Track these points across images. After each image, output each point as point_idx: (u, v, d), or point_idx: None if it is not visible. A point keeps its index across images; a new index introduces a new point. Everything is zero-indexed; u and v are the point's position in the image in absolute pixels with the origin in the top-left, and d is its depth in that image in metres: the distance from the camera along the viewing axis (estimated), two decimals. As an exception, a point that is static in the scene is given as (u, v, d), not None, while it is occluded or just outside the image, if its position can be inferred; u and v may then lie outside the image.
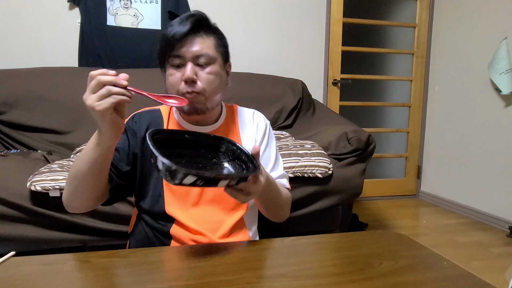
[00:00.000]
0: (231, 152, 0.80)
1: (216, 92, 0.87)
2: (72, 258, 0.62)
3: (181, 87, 0.83)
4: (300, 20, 2.58)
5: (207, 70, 0.85)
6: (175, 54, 0.84)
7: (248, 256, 0.66)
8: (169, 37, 0.83)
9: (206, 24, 0.90)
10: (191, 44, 0.84)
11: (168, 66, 0.86)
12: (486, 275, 1.61)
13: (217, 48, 0.89)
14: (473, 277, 0.58)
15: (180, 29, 0.83)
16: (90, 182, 0.77)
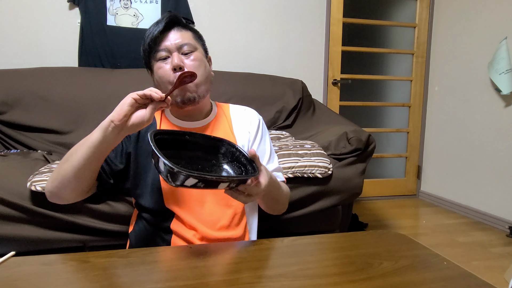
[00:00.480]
0: (230, 154, 0.80)
1: (203, 77, 0.91)
2: (72, 258, 0.62)
3: (171, 77, 0.87)
4: (300, 20, 2.58)
5: (192, 57, 0.90)
6: (159, 49, 0.89)
7: (248, 256, 0.66)
8: (150, 37, 0.89)
9: (181, 22, 0.94)
10: (172, 37, 0.90)
11: (154, 63, 0.91)
12: (486, 275, 1.61)
13: (196, 39, 0.95)
14: (473, 277, 0.58)
15: (158, 27, 0.89)
16: (84, 173, 0.78)
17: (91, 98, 1.96)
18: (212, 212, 0.88)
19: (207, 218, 0.87)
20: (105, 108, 1.97)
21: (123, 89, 2.03)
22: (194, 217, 0.86)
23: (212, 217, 0.88)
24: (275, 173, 1.00)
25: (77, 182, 0.80)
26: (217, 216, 0.89)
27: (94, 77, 2.03)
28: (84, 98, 1.95)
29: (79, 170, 0.77)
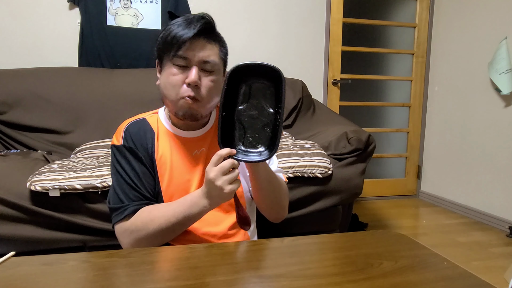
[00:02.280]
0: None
1: (213, 99, 0.86)
2: (72, 258, 0.62)
3: (182, 90, 0.81)
4: (300, 20, 2.58)
5: (210, 78, 0.84)
6: (183, 56, 0.81)
7: (248, 256, 0.66)
8: (177, 36, 0.80)
9: (214, 31, 0.88)
10: (200, 48, 0.82)
11: (170, 65, 0.83)
12: (486, 275, 1.61)
13: (221, 56, 0.88)
14: (473, 277, 0.58)
15: (190, 30, 0.80)
16: (170, 237, 0.82)
17: (91, 98, 1.96)
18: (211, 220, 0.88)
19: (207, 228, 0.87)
20: (105, 108, 1.97)
21: (123, 89, 2.04)
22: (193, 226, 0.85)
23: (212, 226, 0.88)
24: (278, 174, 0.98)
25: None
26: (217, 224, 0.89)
27: (94, 77, 2.03)
28: (84, 98, 1.95)
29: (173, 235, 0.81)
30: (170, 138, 0.90)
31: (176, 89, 0.82)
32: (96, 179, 1.28)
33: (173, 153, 0.88)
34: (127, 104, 1.98)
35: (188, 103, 0.82)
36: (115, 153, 0.87)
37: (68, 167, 1.41)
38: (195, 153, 0.90)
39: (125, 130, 0.89)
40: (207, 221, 0.86)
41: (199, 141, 0.91)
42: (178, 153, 0.89)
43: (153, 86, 2.46)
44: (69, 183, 1.25)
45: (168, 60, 0.83)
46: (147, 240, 0.78)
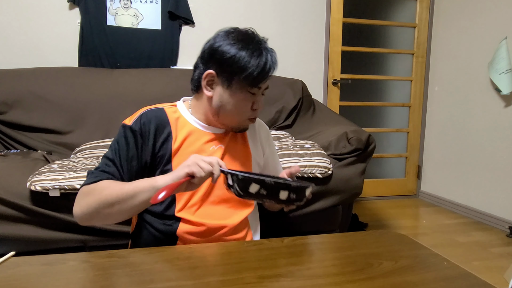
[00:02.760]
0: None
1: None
2: (72, 258, 0.62)
3: (249, 113, 0.91)
4: (300, 20, 2.58)
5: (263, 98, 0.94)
6: (258, 85, 0.88)
7: (248, 256, 0.66)
8: (266, 68, 0.88)
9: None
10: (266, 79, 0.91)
11: (244, 90, 0.88)
12: (486, 275, 1.61)
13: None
14: (473, 277, 0.58)
15: (275, 63, 0.92)
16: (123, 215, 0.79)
17: (91, 98, 1.96)
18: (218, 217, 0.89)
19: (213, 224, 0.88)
20: (105, 108, 1.97)
21: (123, 89, 2.04)
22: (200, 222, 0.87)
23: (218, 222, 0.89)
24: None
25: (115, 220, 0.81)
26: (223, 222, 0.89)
27: (94, 77, 2.03)
28: (84, 98, 1.95)
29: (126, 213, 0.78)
30: (190, 130, 0.92)
31: (246, 113, 0.91)
32: (96, 179, 1.28)
33: (190, 145, 0.91)
34: (127, 104, 1.98)
35: (250, 123, 0.94)
36: (121, 131, 0.89)
37: (68, 167, 1.41)
38: (212, 148, 0.93)
39: (141, 114, 0.91)
40: (217, 215, 0.89)
41: (218, 138, 0.94)
42: (195, 146, 0.91)
43: (153, 85, 2.46)
44: (69, 183, 1.25)
45: (242, 85, 0.87)
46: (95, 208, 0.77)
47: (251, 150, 0.99)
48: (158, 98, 2.08)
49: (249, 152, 0.99)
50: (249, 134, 1.01)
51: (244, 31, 0.90)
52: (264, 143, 1.06)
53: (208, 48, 0.90)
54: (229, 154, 0.95)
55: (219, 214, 0.90)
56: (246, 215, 0.94)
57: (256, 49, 0.87)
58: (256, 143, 1.02)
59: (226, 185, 0.75)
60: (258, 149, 1.02)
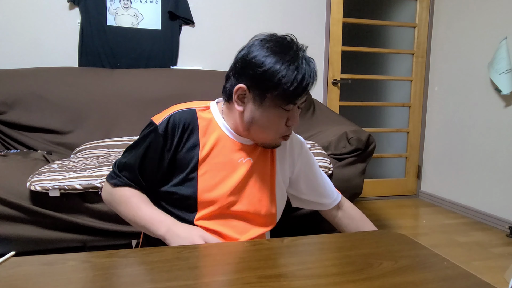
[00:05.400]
0: None
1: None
2: (72, 258, 0.62)
3: (283, 130, 0.85)
4: (300, 20, 2.58)
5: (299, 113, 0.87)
6: (296, 102, 0.81)
7: (248, 256, 0.66)
8: (303, 86, 0.79)
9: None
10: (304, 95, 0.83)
11: (277, 107, 0.81)
12: (486, 275, 1.61)
13: None
14: (473, 277, 0.58)
15: (313, 80, 0.81)
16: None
17: (91, 98, 1.96)
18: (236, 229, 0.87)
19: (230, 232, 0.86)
20: (105, 108, 1.97)
21: (123, 89, 2.04)
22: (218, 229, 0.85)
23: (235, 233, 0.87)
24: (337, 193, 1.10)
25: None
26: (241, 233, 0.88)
27: (94, 77, 2.03)
28: (84, 98, 1.95)
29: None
30: (221, 138, 0.88)
31: (280, 130, 0.84)
32: (96, 179, 1.28)
33: (219, 154, 0.87)
34: (127, 104, 1.98)
35: (284, 140, 0.88)
36: (149, 129, 0.86)
37: (68, 167, 1.41)
38: (240, 161, 0.88)
39: (170, 116, 0.85)
40: (234, 228, 0.87)
41: (248, 149, 0.89)
42: (224, 155, 0.87)
43: (153, 86, 2.46)
44: (69, 183, 1.25)
45: (276, 102, 0.80)
46: (115, 210, 0.89)
47: (277, 166, 0.94)
48: (158, 98, 2.09)
49: (274, 169, 0.93)
50: (279, 150, 0.95)
51: (281, 39, 0.83)
52: (296, 159, 0.99)
53: (240, 58, 0.84)
54: (256, 169, 0.90)
55: (237, 228, 0.87)
56: (264, 232, 0.92)
57: (293, 62, 0.78)
58: (284, 159, 0.96)
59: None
60: (285, 166, 0.97)
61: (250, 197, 0.88)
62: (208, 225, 0.85)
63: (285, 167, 0.97)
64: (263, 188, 0.91)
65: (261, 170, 0.91)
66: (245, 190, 0.88)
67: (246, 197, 0.88)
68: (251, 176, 0.89)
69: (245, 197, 0.88)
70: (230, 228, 0.86)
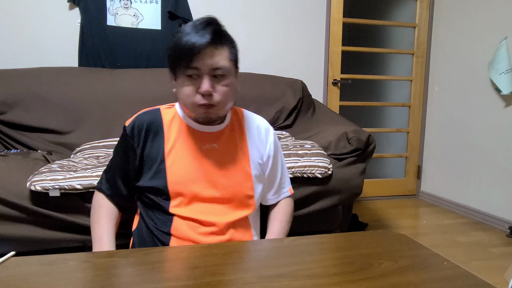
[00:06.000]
0: None
1: (229, 101, 0.90)
2: (72, 258, 0.62)
3: (196, 99, 0.84)
4: (300, 20, 2.58)
5: (223, 83, 0.85)
6: (192, 66, 0.82)
7: (248, 256, 0.66)
8: (186, 48, 0.81)
9: (223, 34, 0.87)
10: (209, 56, 0.82)
11: (182, 76, 0.84)
12: (486, 275, 1.61)
13: (231, 57, 0.88)
14: (473, 277, 0.58)
15: (199, 40, 0.81)
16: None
17: (91, 98, 1.96)
18: (217, 213, 0.90)
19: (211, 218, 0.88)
20: (105, 108, 1.97)
21: (123, 89, 2.04)
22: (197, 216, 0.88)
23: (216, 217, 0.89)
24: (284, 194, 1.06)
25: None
26: (222, 217, 0.90)
27: (94, 77, 2.03)
28: (84, 98, 1.95)
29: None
30: (183, 130, 0.93)
31: (191, 98, 0.85)
32: (96, 179, 1.28)
33: (182, 145, 0.91)
34: (127, 104, 1.98)
35: (204, 110, 0.86)
36: (122, 133, 0.95)
37: (68, 167, 1.41)
38: (206, 147, 0.92)
39: (136, 116, 0.95)
40: (218, 214, 0.89)
41: (212, 136, 0.93)
42: (188, 145, 0.91)
43: (153, 86, 2.46)
44: (69, 183, 1.25)
45: (178, 70, 0.84)
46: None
47: (250, 150, 0.97)
48: (158, 98, 2.09)
49: (247, 151, 0.96)
50: (249, 135, 0.99)
51: (195, 20, 0.87)
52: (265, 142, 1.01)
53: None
54: (224, 153, 0.94)
55: (214, 213, 0.90)
56: (244, 216, 0.93)
57: (189, 32, 0.82)
58: (254, 141, 0.99)
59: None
60: (260, 151, 0.99)
61: (222, 181, 0.91)
62: (183, 212, 0.88)
63: (259, 149, 0.99)
64: (235, 171, 0.93)
65: (231, 154, 0.94)
66: (215, 175, 0.91)
67: (218, 181, 0.91)
68: (218, 161, 0.92)
69: (217, 181, 0.91)
70: (207, 214, 0.89)
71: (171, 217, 0.89)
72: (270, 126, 1.05)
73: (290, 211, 1.05)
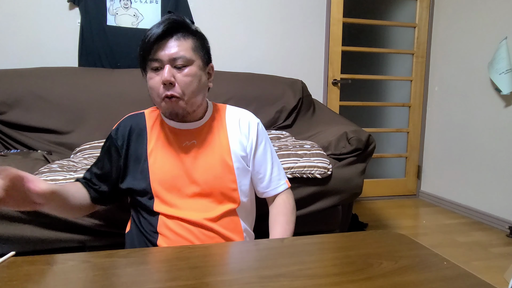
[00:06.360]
0: None
1: (195, 94, 0.89)
2: (72, 258, 0.62)
3: (160, 91, 0.85)
4: (300, 20, 2.58)
5: (184, 72, 0.86)
6: (153, 58, 0.85)
7: (248, 256, 0.67)
8: (145, 41, 0.85)
9: (184, 26, 0.89)
10: (167, 46, 0.85)
11: (148, 70, 0.88)
12: (486, 275, 1.61)
13: (196, 50, 0.89)
14: (473, 277, 0.58)
15: (156, 31, 0.84)
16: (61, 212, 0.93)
17: (91, 98, 1.96)
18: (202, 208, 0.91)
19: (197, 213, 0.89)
20: (105, 108, 1.97)
21: (123, 89, 2.04)
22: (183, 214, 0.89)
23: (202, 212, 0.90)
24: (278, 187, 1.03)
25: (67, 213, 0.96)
26: (208, 210, 0.91)
27: (94, 77, 2.03)
28: (84, 98, 1.95)
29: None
30: (163, 129, 0.95)
31: (156, 91, 0.86)
32: (96, 179, 1.28)
33: (163, 144, 0.93)
34: (127, 104, 1.98)
35: (168, 103, 0.86)
36: (108, 136, 1.00)
37: (68, 167, 1.41)
38: (185, 144, 0.93)
39: (121, 121, 1.00)
40: (202, 209, 0.90)
41: (192, 133, 0.95)
42: (168, 144, 0.93)
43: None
44: (69, 183, 1.25)
45: (146, 65, 0.88)
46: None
47: (230, 143, 0.96)
48: (158, 98, 2.09)
49: (227, 145, 0.95)
50: (230, 127, 0.98)
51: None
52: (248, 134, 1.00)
53: None
54: (203, 148, 0.94)
55: (199, 209, 0.90)
56: (229, 209, 0.93)
57: (151, 28, 0.86)
58: (240, 137, 0.98)
59: None
60: (243, 143, 0.98)
61: (203, 176, 0.92)
62: (167, 211, 0.89)
63: (241, 142, 0.98)
64: (215, 165, 0.93)
65: (211, 149, 0.94)
66: (195, 171, 0.92)
67: (199, 177, 0.92)
68: (197, 156, 0.93)
69: (197, 177, 0.92)
70: (191, 210, 0.89)
71: (156, 216, 0.90)
72: (254, 119, 1.03)
73: (290, 209, 1.03)
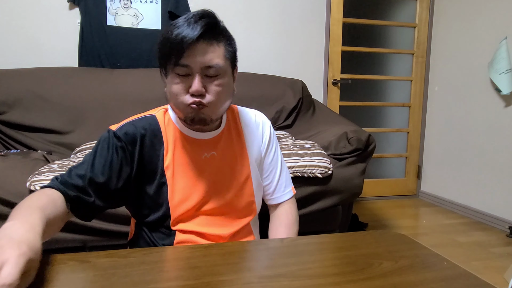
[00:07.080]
0: None
1: (223, 103, 0.80)
2: (72, 258, 0.62)
3: (186, 98, 0.75)
4: (300, 20, 2.58)
5: (216, 82, 0.76)
6: (182, 63, 0.73)
7: (248, 256, 0.66)
8: (176, 42, 0.72)
9: (217, 28, 0.77)
10: (200, 53, 0.73)
11: (172, 73, 0.76)
12: (486, 275, 1.61)
13: (227, 55, 0.78)
14: (473, 277, 0.58)
15: (189, 33, 0.72)
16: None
17: (91, 98, 1.96)
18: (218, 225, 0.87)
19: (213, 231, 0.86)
20: (105, 108, 1.97)
21: (123, 89, 2.04)
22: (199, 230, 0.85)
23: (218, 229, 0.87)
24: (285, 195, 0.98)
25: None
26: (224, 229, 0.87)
27: (94, 77, 2.03)
28: (84, 98, 1.95)
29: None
30: (180, 139, 0.84)
31: (181, 98, 0.76)
32: (96, 179, 1.28)
33: (180, 155, 0.84)
34: (127, 104, 1.98)
35: (195, 109, 0.76)
36: (104, 136, 0.83)
37: (68, 167, 1.41)
38: (205, 156, 0.85)
39: (128, 122, 0.83)
40: (214, 223, 0.86)
41: (210, 143, 0.86)
42: (186, 155, 0.84)
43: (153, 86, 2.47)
44: (69, 183, 1.25)
45: (170, 68, 0.76)
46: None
47: (248, 150, 0.90)
48: (158, 98, 2.08)
49: (246, 154, 0.89)
50: (246, 133, 0.91)
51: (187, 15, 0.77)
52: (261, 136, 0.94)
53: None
54: (223, 161, 0.86)
55: (217, 224, 0.86)
56: (246, 223, 0.91)
57: (181, 25, 0.74)
58: (254, 138, 0.92)
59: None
60: (256, 146, 0.92)
61: (223, 191, 0.86)
62: (186, 227, 0.84)
63: (256, 148, 0.92)
64: (235, 179, 0.88)
65: (230, 161, 0.87)
66: (216, 185, 0.86)
67: (219, 192, 0.86)
68: (219, 170, 0.86)
69: (218, 192, 0.86)
70: (210, 226, 0.85)
71: (173, 232, 0.85)
72: (267, 121, 0.98)
73: (292, 220, 0.99)
